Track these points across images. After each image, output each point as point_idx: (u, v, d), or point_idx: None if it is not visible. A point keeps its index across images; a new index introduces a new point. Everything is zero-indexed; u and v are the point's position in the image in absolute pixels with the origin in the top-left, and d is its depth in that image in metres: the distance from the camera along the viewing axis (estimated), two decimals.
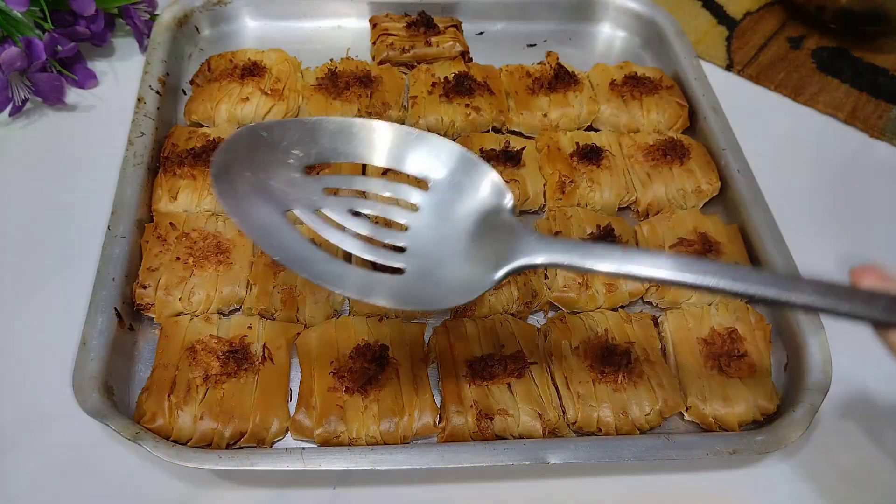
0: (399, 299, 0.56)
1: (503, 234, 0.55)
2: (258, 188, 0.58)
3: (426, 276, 0.57)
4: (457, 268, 0.57)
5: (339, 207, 0.60)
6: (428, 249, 0.58)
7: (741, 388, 0.76)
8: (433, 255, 0.58)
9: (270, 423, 0.71)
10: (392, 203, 0.63)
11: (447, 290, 0.56)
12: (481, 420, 0.71)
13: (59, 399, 0.72)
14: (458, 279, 0.56)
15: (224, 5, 1.11)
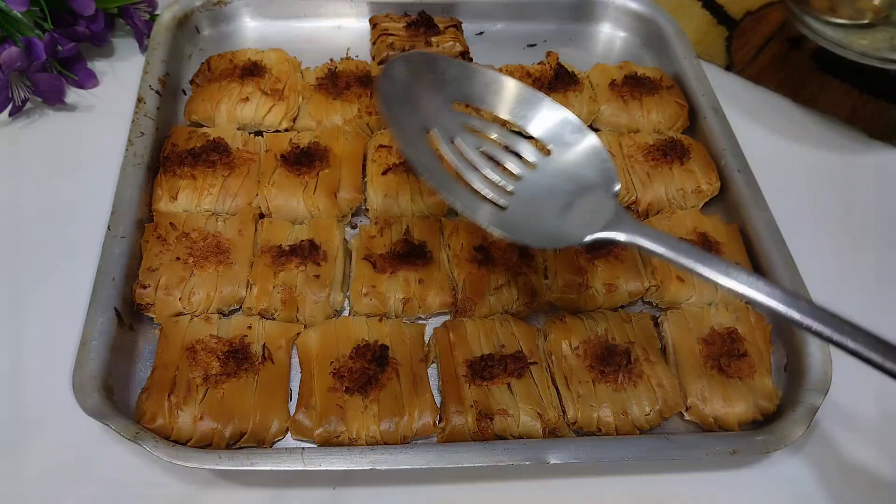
0: (496, 224, 0.64)
1: (603, 210, 0.64)
2: (413, 101, 0.67)
3: (525, 219, 0.65)
4: (553, 221, 0.65)
5: (471, 143, 0.69)
6: (532, 199, 0.67)
7: (741, 388, 0.76)
8: (536, 205, 0.67)
9: (270, 423, 0.71)
10: (515, 155, 0.71)
11: (541, 234, 0.65)
12: (481, 420, 0.71)
13: (59, 399, 0.72)
14: (552, 230, 0.65)
15: (224, 5, 1.11)
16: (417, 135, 0.67)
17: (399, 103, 0.66)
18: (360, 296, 0.80)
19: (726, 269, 0.57)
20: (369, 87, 0.99)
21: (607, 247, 0.70)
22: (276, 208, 0.88)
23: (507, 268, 0.83)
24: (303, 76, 1.02)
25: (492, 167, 0.69)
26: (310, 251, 0.81)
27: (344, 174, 0.90)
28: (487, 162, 0.69)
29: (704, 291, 0.84)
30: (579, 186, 0.67)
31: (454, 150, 0.68)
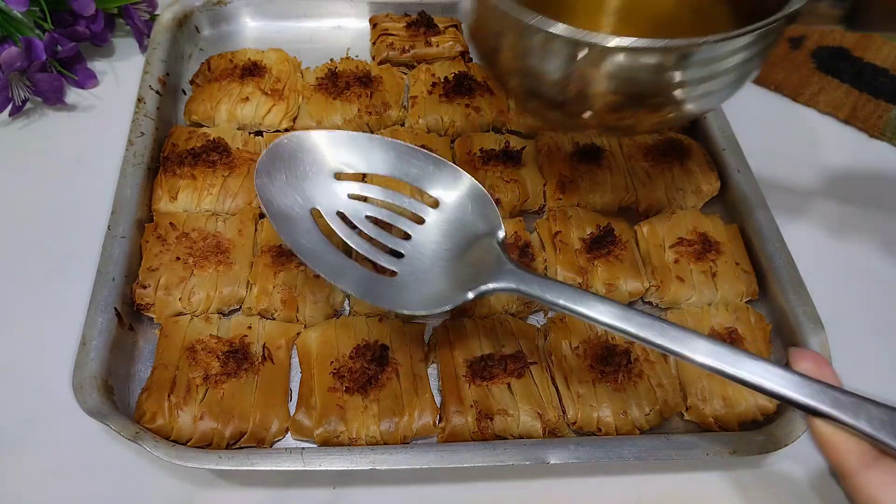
0: (382, 300, 0.65)
1: (487, 261, 0.63)
2: (294, 186, 0.68)
3: (413, 283, 0.65)
4: (439, 280, 0.65)
5: (357, 212, 0.70)
6: (422, 259, 0.67)
7: (741, 388, 0.76)
8: (425, 265, 0.67)
9: (270, 423, 0.71)
10: (404, 214, 0.71)
11: (422, 298, 0.64)
12: (481, 420, 0.71)
13: (59, 399, 0.72)
14: (436, 291, 0.64)
15: (224, 5, 1.11)
16: (305, 220, 0.67)
17: (280, 196, 0.67)
18: None
19: (598, 307, 0.56)
20: (369, 86, 0.99)
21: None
22: None
23: None
24: (303, 76, 1.02)
25: (381, 232, 0.69)
26: None
27: None
28: (376, 228, 0.69)
29: (704, 291, 0.84)
30: (468, 236, 0.67)
31: (338, 222, 0.68)
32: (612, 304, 0.56)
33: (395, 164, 0.71)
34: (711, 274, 0.85)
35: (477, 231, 0.67)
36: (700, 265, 0.85)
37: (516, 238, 0.85)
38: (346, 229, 0.68)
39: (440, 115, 0.98)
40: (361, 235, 0.69)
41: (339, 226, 0.68)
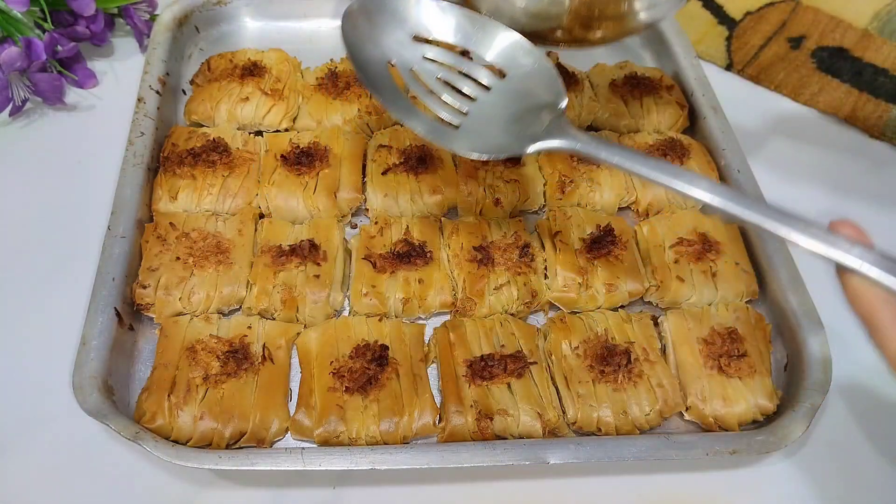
0: (439, 138, 0.69)
1: (547, 123, 0.67)
2: (374, 40, 0.73)
3: (474, 134, 0.70)
4: (498, 136, 0.70)
5: (430, 71, 0.74)
6: (483, 118, 0.71)
7: (741, 388, 0.76)
8: (486, 122, 0.71)
9: (270, 423, 0.71)
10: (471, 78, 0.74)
11: (482, 145, 0.68)
12: (481, 420, 0.71)
13: (59, 399, 0.72)
14: (495, 143, 0.69)
15: (224, 5, 1.11)
16: (381, 70, 0.72)
17: (362, 43, 0.72)
18: (360, 296, 0.80)
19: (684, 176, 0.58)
20: None
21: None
22: (276, 208, 0.88)
23: (507, 268, 0.83)
24: (303, 76, 1.02)
25: (448, 92, 0.73)
26: (310, 251, 0.81)
27: (344, 174, 0.90)
28: (444, 87, 0.73)
29: (704, 291, 0.84)
30: (531, 105, 0.70)
31: (412, 77, 0.73)
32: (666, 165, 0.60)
33: (469, 34, 0.75)
34: (711, 274, 0.85)
35: (540, 100, 0.70)
36: (700, 265, 0.85)
37: (516, 238, 0.85)
38: (417, 84, 0.72)
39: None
40: (430, 93, 0.73)
41: (411, 80, 0.72)
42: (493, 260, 0.83)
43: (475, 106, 0.72)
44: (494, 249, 0.84)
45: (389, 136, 0.95)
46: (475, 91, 0.73)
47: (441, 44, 0.76)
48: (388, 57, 0.73)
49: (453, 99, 0.72)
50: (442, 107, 0.71)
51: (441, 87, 0.73)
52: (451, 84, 0.73)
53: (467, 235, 0.85)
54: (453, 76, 0.74)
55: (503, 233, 0.86)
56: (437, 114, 0.71)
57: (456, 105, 0.72)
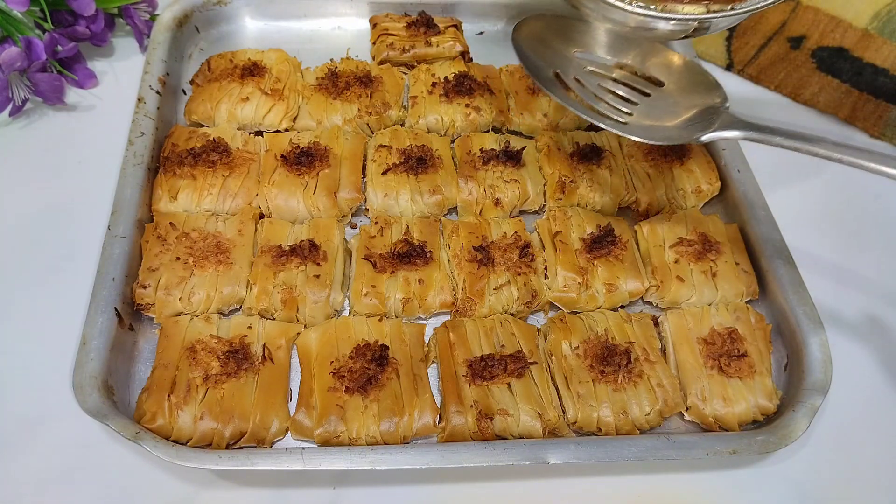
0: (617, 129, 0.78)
1: (715, 118, 0.77)
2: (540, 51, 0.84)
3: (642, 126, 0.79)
4: (669, 128, 0.79)
5: (593, 82, 0.83)
6: (648, 115, 0.81)
7: (741, 388, 0.76)
8: (652, 118, 0.80)
9: (270, 423, 0.71)
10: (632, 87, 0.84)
11: (657, 134, 0.78)
12: (481, 420, 0.71)
13: (59, 399, 0.72)
14: (668, 132, 0.79)
15: (224, 5, 1.11)
16: (548, 75, 0.82)
17: (532, 53, 0.82)
18: (360, 296, 0.80)
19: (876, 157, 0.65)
20: (369, 86, 0.99)
21: None
22: (276, 208, 0.88)
23: (507, 268, 0.83)
24: (303, 76, 1.02)
25: (612, 98, 0.82)
26: (310, 251, 0.81)
27: (344, 174, 0.90)
28: (608, 94, 0.82)
29: (704, 291, 0.84)
30: (692, 105, 0.80)
31: (577, 85, 0.82)
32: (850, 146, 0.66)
33: (627, 51, 0.85)
34: (711, 274, 0.85)
35: (700, 102, 0.80)
36: (700, 265, 0.85)
37: (516, 238, 0.85)
38: (584, 90, 0.81)
39: (440, 115, 0.98)
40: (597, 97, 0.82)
41: (577, 87, 0.81)
42: (493, 260, 0.83)
43: (638, 109, 0.81)
44: (494, 249, 0.84)
45: (389, 136, 0.95)
46: (637, 98, 0.82)
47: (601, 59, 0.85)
48: (554, 67, 0.83)
49: (619, 103, 0.81)
50: (609, 109, 0.80)
51: (604, 93, 0.82)
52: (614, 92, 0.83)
53: (467, 235, 0.85)
54: (615, 87, 0.83)
55: (503, 233, 0.86)
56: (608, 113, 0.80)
57: (621, 108, 0.80)
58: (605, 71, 0.85)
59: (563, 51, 0.85)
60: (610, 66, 0.85)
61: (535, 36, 0.84)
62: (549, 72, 0.82)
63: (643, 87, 0.83)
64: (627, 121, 0.79)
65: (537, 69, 0.81)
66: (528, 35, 0.84)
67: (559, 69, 0.83)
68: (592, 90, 0.82)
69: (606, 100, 0.81)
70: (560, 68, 0.83)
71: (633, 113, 0.80)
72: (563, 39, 0.86)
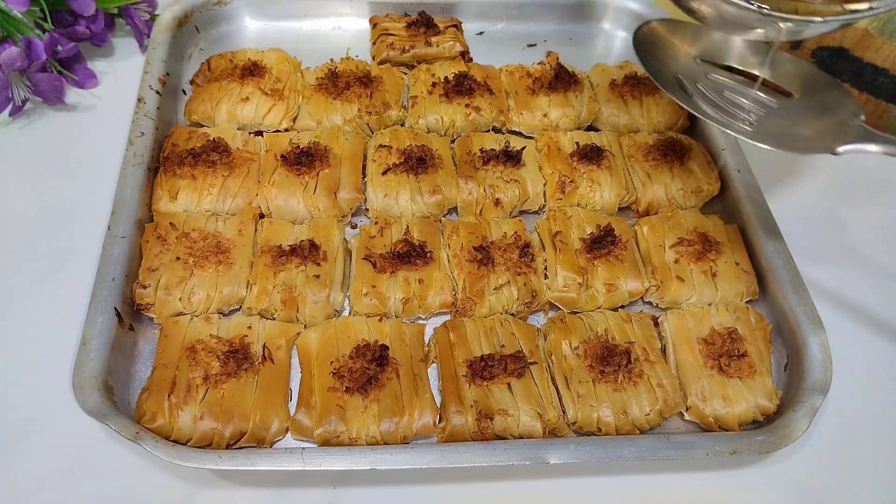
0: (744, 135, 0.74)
1: (851, 131, 0.73)
2: (661, 57, 0.83)
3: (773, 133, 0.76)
4: (800, 136, 0.77)
5: (715, 87, 0.81)
6: (777, 124, 0.78)
7: (741, 388, 0.76)
8: (780, 127, 0.78)
9: (270, 423, 0.71)
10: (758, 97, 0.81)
11: (790, 142, 0.75)
12: (481, 420, 0.71)
13: (59, 399, 0.72)
14: (800, 140, 0.76)
15: (224, 5, 1.11)
16: (669, 79, 0.81)
17: (653, 57, 0.81)
18: (360, 296, 0.80)
19: None
20: (369, 86, 0.99)
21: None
22: (276, 208, 0.88)
23: (506, 268, 0.83)
24: (303, 76, 1.02)
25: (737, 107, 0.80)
26: (310, 251, 0.81)
27: (344, 174, 0.90)
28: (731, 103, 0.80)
29: (704, 291, 0.84)
30: (822, 118, 0.77)
31: (699, 91, 0.80)
32: None
33: (752, 61, 0.83)
34: (711, 274, 0.85)
35: (831, 115, 0.76)
36: (700, 265, 0.85)
37: (516, 238, 0.85)
38: (706, 96, 0.79)
39: (440, 115, 0.98)
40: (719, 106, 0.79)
41: (699, 93, 0.80)
42: (493, 260, 0.83)
43: (765, 117, 0.78)
44: (494, 249, 0.84)
45: (389, 136, 0.95)
46: (764, 107, 0.80)
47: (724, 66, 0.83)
48: (675, 72, 0.82)
49: (744, 110, 0.79)
50: (735, 116, 0.78)
51: (727, 101, 0.80)
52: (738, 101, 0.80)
53: (467, 235, 0.85)
54: (739, 96, 0.81)
55: (503, 233, 0.86)
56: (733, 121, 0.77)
57: (748, 116, 0.78)
58: (728, 79, 0.83)
59: (685, 56, 0.84)
60: (734, 75, 0.84)
61: (656, 39, 0.84)
62: (670, 76, 0.81)
63: (770, 96, 0.81)
64: (754, 128, 0.77)
65: (658, 73, 0.80)
66: (648, 38, 0.83)
67: (681, 74, 0.82)
68: (714, 97, 0.80)
69: (728, 108, 0.79)
70: (681, 73, 0.82)
71: (760, 121, 0.78)
72: (684, 45, 0.85)
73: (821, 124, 0.77)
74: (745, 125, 0.77)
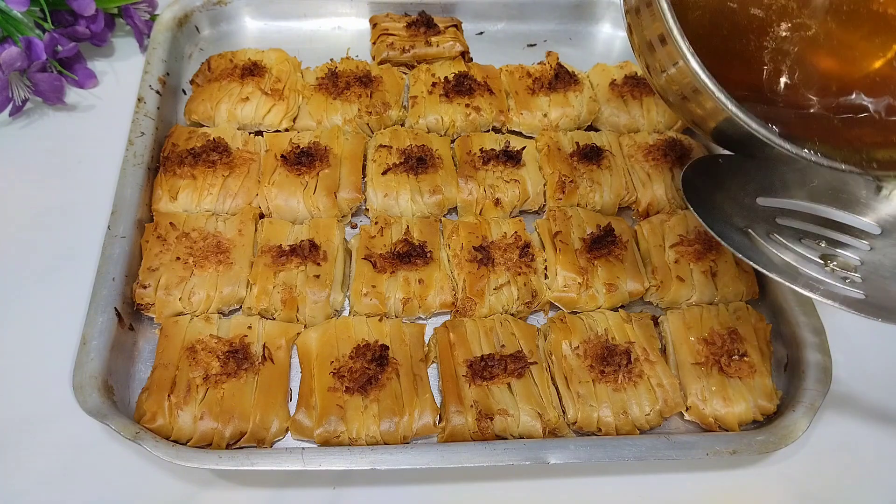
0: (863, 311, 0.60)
1: None
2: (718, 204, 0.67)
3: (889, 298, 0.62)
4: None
5: (791, 234, 0.66)
6: (886, 279, 0.64)
7: (741, 388, 0.76)
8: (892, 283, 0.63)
9: (270, 422, 0.71)
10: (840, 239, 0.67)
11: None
12: (481, 420, 0.71)
13: (59, 399, 0.72)
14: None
15: (224, 5, 1.11)
16: (740, 239, 0.66)
17: (710, 207, 0.66)
18: (360, 296, 0.80)
19: None
20: (369, 86, 0.99)
21: None
22: (276, 208, 0.88)
23: (507, 268, 0.83)
24: (303, 76, 1.02)
25: (826, 257, 0.66)
26: (310, 251, 0.81)
27: (344, 174, 0.90)
28: (819, 253, 0.67)
29: (705, 291, 0.84)
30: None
31: (779, 246, 0.66)
32: None
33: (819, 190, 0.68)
34: (711, 273, 0.85)
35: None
36: (700, 265, 0.85)
37: (516, 238, 0.85)
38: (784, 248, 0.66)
39: (440, 115, 0.98)
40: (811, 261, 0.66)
41: (774, 246, 0.66)
42: (493, 260, 0.83)
43: (866, 269, 0.64)
44: (494, 249, 0.84)
45: (389, 136, 0.95)
46: (858, 253, 0.66)
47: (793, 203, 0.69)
48: (739, 222, 0.67)
49: (842, 269, 0.65)
50: (833, 276, 0.64)
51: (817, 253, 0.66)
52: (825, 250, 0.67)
53: (467, 235, 0.85)
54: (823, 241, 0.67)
55: (503, 233, 0.86)
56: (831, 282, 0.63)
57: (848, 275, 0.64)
58: (800, 221, 0.68)
59: (744, 198, 0.68)
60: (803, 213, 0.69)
61: (710, 183, 0.68)
62: (735, 231, 0.66)
63: (858, 236, 0.67)
64: (862, 289, 0.62)
65: (723, 232, 0.64)
66: (700, 184, 0.68)
67: (746, 225, 0.66)
68: (794, 248, 0.65)
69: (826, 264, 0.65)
70: (747, 222, 0.66)
71: (864, 276, 0.63)
72: (741, 183, 0.69)
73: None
74: (853, 290, 0.63)
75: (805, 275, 0.63)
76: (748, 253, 0.63)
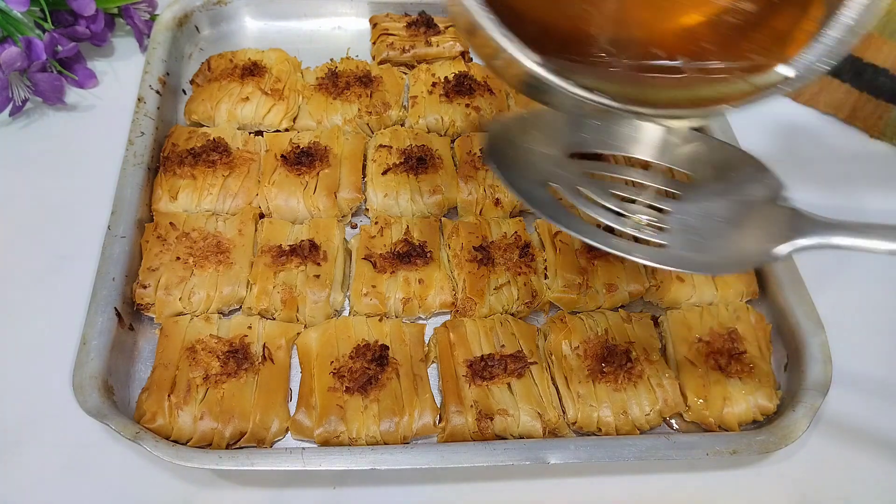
0: (663, 262, 0.58)
1: (779, 219, 0.60)
2: (523, 163, 0.63)
3: (692, 250, 0.59)
4: (725, 247, 0.60)
5: (598, 189, 0.62)
6: (692, 230, 0.61)
7: (741, 388, 0.76)
8: (698, 235, 0.60)
9: (270, 422, 0.71)
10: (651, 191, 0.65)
11: (716, 261, 0.60)
12: (481, 420, 0.71)
13: (59, 399, 0.72)
14: (727, 255, 0.60)
15: (224, 5, 1.11)
16: (544, 196, 0.62)
17: (515, 171, 0.62)
18: (361, 296, 0.80)
19: None
20: (369, 86, 0.99)
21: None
22: (276, 208, 0.88)
23: (507, 268, 0.83)
24: (303, 76, 1.02)
25: (633, 209, 0.62)
26: (310, 251, 0.81)
27: (344, 174, 0.90)
28: (626, 205, 0.63)
29: (704, 291, 0.84)
30: (740, 204, 0.62)
31: (582, 200, 0.62)
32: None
33: (627, 139, 0.64)
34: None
35: (750, 197, 0.62)
36: None
37: (516, 238, 0.85)
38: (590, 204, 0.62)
39: (440, 115, 0.98)
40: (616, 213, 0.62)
41: (583, 204, 0.61)
42: (493, 260, 0.83)
43: (673, 219, 0.61)
44: (494, 249, 0.84)
45: (389, 136, 0.95)
46: (665, 204, 0.62)
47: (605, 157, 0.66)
48: (546, 180, 0.62)
49: (647, 217, 0.61)
50: (638, 229, 0.60)
51: (624, 206, 0.62)
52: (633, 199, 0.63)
53: (467, 235, 0.85)
54: (630, 191, 0.63)
55: (503, 233, 0.86)
56: (635, 234, 0.60)
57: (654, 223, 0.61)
58: (611, 172, 0.65)
59: (553, 155, 0.64)
60: (616, 165, 0.66)
61: (513, 143, 0.64)
62: (541, 189, 0.61)
63: (669, 185, 0.64)
64: (667, 240, 0.60)
65: (528, 190, 0.61)
66: (502, 144, 0.64)
67: (553, 182, 0.62)
68: (603, 201, 0.62)
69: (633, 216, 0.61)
70: (554, 180, 0.62)
71: (669, 227, 0.61)
72: (548, 140, 0.65)
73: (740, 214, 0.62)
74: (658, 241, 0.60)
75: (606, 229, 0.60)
76: (549, 211, 0.59)
